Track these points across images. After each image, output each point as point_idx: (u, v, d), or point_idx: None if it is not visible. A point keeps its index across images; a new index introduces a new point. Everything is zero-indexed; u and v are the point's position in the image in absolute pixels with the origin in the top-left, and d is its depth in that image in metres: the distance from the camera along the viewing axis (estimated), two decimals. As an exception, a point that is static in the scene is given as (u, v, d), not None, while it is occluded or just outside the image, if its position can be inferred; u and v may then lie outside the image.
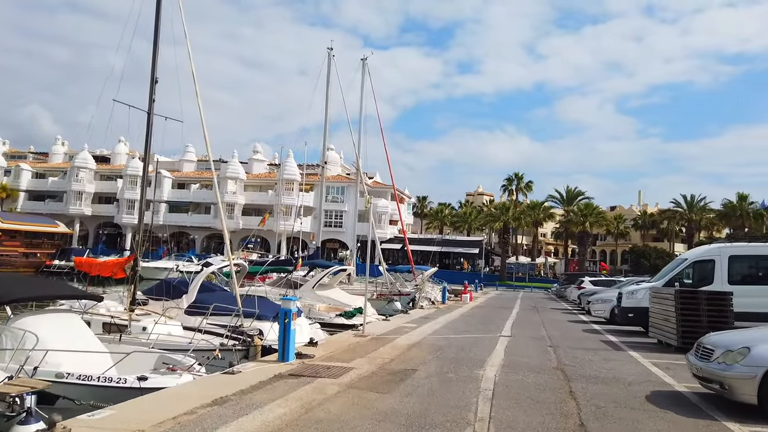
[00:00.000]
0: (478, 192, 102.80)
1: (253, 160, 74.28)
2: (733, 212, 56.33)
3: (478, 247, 67.25)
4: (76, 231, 71.53)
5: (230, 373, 7.99)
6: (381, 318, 20.08)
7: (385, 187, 67.48)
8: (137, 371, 8.86)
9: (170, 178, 72.03)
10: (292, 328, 8.96)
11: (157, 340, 11.14)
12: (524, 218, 62.53)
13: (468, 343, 12.48)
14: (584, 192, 62.08)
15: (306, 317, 18.14)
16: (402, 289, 28.75)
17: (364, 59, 32.75)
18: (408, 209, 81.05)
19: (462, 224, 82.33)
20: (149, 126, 12.83)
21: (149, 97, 12.80)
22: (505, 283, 57.19)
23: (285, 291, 21.96)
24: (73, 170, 71.31)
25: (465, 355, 10.64)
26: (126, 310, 12.44)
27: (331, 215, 67.26)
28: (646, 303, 14.67)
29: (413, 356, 10.38)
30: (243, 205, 68.39)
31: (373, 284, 28.40)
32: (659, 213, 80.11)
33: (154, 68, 12.78)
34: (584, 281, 27.35)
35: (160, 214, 68.85)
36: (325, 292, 22.47)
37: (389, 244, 67.44)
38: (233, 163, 69.25)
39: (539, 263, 72.00)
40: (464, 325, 16.87)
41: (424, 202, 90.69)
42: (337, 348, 11.02)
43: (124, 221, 68.69)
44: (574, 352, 11.63)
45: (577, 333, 15.69)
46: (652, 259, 73.43)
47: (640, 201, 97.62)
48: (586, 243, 58.92)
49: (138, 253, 12.65)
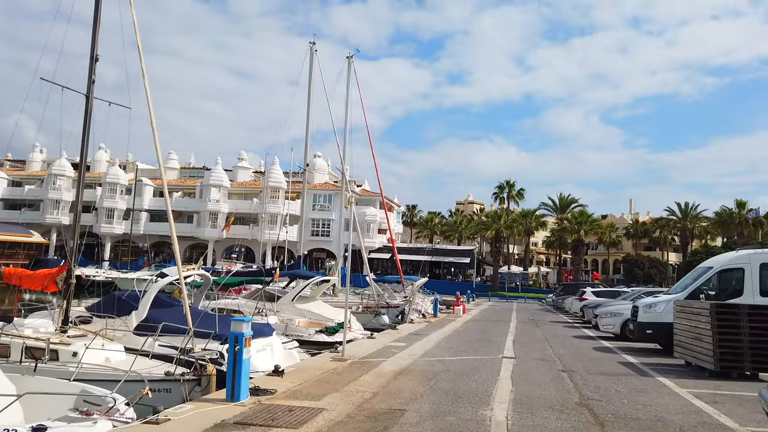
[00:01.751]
0: (468, 201, 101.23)
1: (238, 168, 72.12)
2: (731, 220, 54.91)
3: (470, 256, 65.39)
4: (53, 241, 68.77)
5: (154, 423, 5.97)
6: (365, 335, 18.10)
7: (373, 195, 65.60)
8: (50, 413, 6.86)
9: (152, 186, 69.64)
10: (244, 357, 6.95)
11: (87, 369, 9.10)
12: (516, 226, 60.74)
13: (467, 367, 10.53)
14: (578, 199, 60.66)
15: (283, 334, 16.14)
16: (390, 301, 26.77)
17: (349, 57, 30.88)
18: (397, 218, 79.15)
19: (452, 233, 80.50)
20: (88, 112, 10.81)
21: (88, 78, 10.79)
22: (497, 294, 55.29)
23: (261, 305, 20.00)
24: (50, 178, 68.66)
25: (465, 386, 8.69)
26: (57, 331, 10.37)
27: (318, 224, 65.24)
28: (668, 318, 12.84)
29: (401, 388, 8.41)
30: (227, 213, 66.02)
31: (360, 296, 26.44)
32: (652, 222, 78.83)
33: (95, 43, 10.80)
34: (586, 292, 25.53)
35: (140, 223, 66.57)
36: (306, 305, 20.45)
37: (378, 254, 65.45)
38: (217, 170, 67.03)
39: (532, 273, 70.23)
40: (460, 343, 14.91)
41: (414, 210, 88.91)
42: (308, 378, 9.02)
43: (102, 231, 66.21)
44: (593, 379, 9.72)
45: (588, 352, 13.78)
46: (645, 268, 72.03)
47: (631, 210, 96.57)
48: (580, 252, 57.18)
49: (72, 261, 10.56)
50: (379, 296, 26.17)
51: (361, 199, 68.67)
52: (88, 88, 10.77)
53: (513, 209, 66.38)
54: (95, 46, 10.84)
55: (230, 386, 6.91)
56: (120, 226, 66.14)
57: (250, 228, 62.69)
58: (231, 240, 61.43)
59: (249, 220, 64.51)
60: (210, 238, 64.94)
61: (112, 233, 66.26)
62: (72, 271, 10.47)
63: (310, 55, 26.37)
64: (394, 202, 75.72)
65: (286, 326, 17.35)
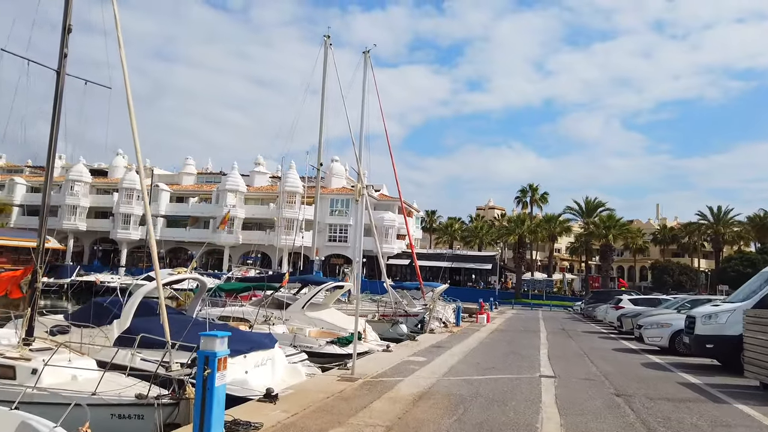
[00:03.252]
0: (489, 206, 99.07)
1: (254, 173, 71.10)
2: (771, 223, 52.01)
3: (491, 262, 63.33)
4: (70, 247, 68.47)
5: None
6: (382, 346, 16.45)
7: (391, 200, 64.03)
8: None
9: (168, 192, 69.01)
10: (217, 383, 5.34)
11: (45, 390, 7.62)
12: (540, 231, 58.56)
13: (500, 390, 8.81)
14: (605, 203, 58.05)
15: (291, 345, 14.59)
16: (409, 309, 25.09)
17: (366, 51, 29.41)
18: (416, 223, 77.40)
19: (473, 239, 78.41)
20: (59, 91, 9.37)
21: (60, 52, 9.37)
22: (521, 301, 53.12)
23: (269, 312, 18.47)
24: (67, 183, 68.40)
25: (501, 417, 6.99)
26: (19, 344, 8.92)
27: (336, 229, 63.86)
28: (733, 330, 10.98)
29: (422, 420, 6.74)
30: (243, 219, 65.00)
31: (377, 303, 24.81)
32: (681, 227, 75.81)
33: (68, 12, 9.39)
34: (623, 300, 23.52)
35: (157, 229, 65.91)
36: (318, 313, 18.85)
37: (397, 260, 63.73)
38: (233, 175, 66.05)
39: (556, 280, 67.81)
40: (487, 357, 13.16)
41: (433, 216, 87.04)
42: (307, 404, 7.39)
43: (119, 236, 65.65)
44: (658, 407, 7.92)
45: (637, 369, 11.93)
46: (675, 275, 69.12)
47: (658, 215, 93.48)
48: (608, 257, 54.61)
49: (38, 264, 9.08)
50: (397, 303, 24.52)
51: (380, 204, 67.11)
52: (60, 63, 9.34)
53: (535, 214, 64.18)
54: (68, 14, 9.43)
55: (198, 422, 5.30)
56: (136, 231, 65.45)
57: (267, 233, 61.48)
58: (247, 246, 60.28)
59: (266, 225, 63.37)
60: (226, 244, 63.91)
61: (129, 239, 65.58)
62: (38, 274, 9.00)
63: (325, 50, 24.98)
64: (413, 207, 74.03)
65: (295, 336, 15.77)
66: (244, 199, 66.48)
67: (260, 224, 64.60)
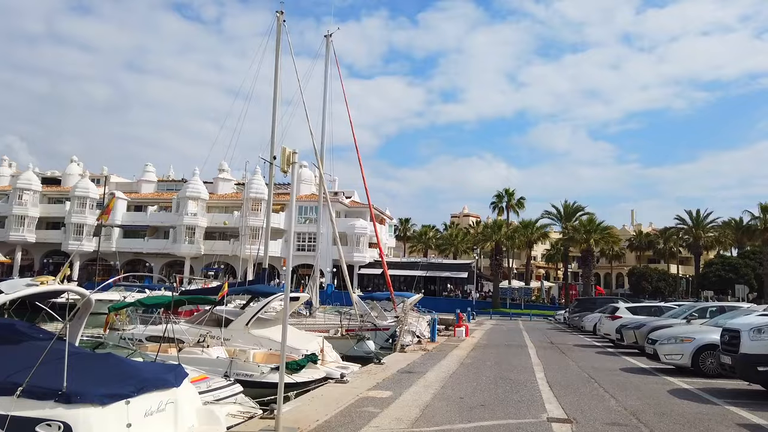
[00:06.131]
0: (463, 213, 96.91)
1: (219, 180, 67.36)
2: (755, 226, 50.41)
3: (467, 270, 60.68)
4: (18, 260, 63.65)
5: None
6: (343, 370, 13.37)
7: (362, 207, 61.00)
8: None
9: (125, 200, 64.78)
10: None
11: None
12: (518, 237, 56.14)
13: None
14: (584, 207, 55.99)
15: (224, 375, 11.47)
16: (379, 322, 22.06)
17: (328, 35, 26.63)
18: (390, 231, 74.48)
19: (448, 247, 75.86)
20: None
21: None
22: (499, 311, 50.45)
23: (205, 331, 15.24)
24: (15, 192, 63.61)
25: None
26: None
27: (304, 238, 60.53)
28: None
29: None
30: (205, 228, 61.23)
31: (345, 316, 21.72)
32: (659, 232, 74.45)
33: None
34: (619, 309, 20.86)
35: (112, 240, 61.64)
36: (265, 330, 15.66)
37: (369, 269, 60.66)
38: (194, 181, 62.19)
39: (534, 288, 65.51)
40: (472, 387, 10.18)
41: (407, 224, 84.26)
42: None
43: (71, 248, 61.01)
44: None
45: (671, 403, 9.06)
46: (653, 281, 67.48)
47: (633, 221, 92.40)
48: (590, 263, 52.28)
49: None
50: (364, 316, 21.46)
51: (351, 211, 64.05)
52: None
53: (511, 221, 61.87)
54: None
55: None
56: (90, 243, 60.73)
57: (231, 243, 57.78)
58: (210, 256, 56.52)
59: (229, 234, 59.70)
60: (186, 254, 60.09)
61: (81, 251, 61.01)
62: None
63: (278, 28, 21.94)
64: (386, 215, 71.11)
65: (231, 362, 12.54)
66: (207, 206, 62.75)
67: (224, 233, 61.00)
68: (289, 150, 6.24)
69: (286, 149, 6.23)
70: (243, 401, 10.51)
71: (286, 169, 6.39)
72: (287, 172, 6.46)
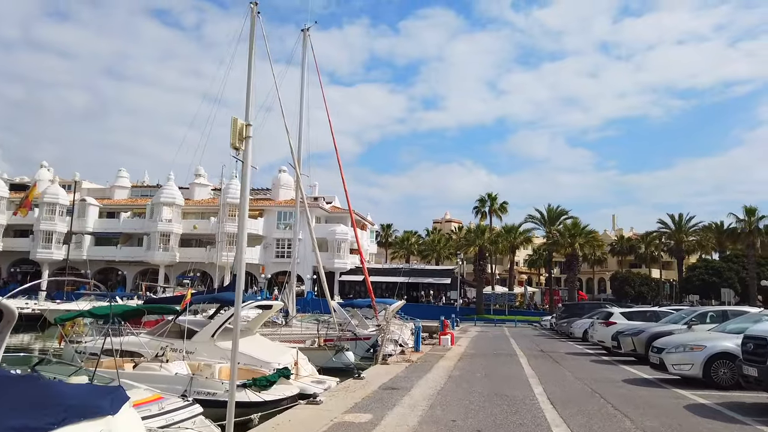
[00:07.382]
0: (446, 219, 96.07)
1: (195, 185, 65.35)
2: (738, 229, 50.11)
3: (450, 276, 59.65)
4: (-23, 271, 60.95)
5: None
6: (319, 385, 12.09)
7: (343, 212, 59.62)
8: None
9: (96, 206, 62.50)
10: None
11: None
12: (501, 242, 55.23)
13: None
14: (568, 211, 55.37)
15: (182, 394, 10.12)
16: (359, 331, 20.77)
17: (305, 29, 25.39)
18: (371, 237, 73.20)
19: (431, 253, 74.87)
20: None
21: None
22: (483, 317, 49.39)
23: (166, 344, 13.83)
24: (-25, 198, 60.95)
25: None
26: None
27: (284, 244, 58.95)
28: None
29: None
30: (180, 234, 59.26)
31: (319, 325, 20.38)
32: (640, 237, 74.27)
33: None
34: (614, 314, 19.82)
35: (83, 248, 59.30)
36: (233, 342, 14.23)
37: (351, 276, 59.19)
38: (169, 186, 60.14)
39: (518, 293, 64.68)
40: (464, 406, 8.94)
41: (389, 230, 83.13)
42: None
43: (39, 257, 58.64)
44: None
45: (692, 422, 7.92)
46: (636, 285, 67.13)
47: (614, 226, 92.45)
48: (575, 267, 51.57)
49: None
50: (343, 325, 20.15)
51: (332, 217, 62.68)
52: None
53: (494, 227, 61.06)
54: None
55: None
56: (59, 251, 58.26)
57: (207, 250, 55.94)
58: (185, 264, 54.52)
59: (206, 241, 57.85)
60: (161, 262, 58.01)
61: (51, 259, 58.57)
62: None
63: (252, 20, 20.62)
64: (367, 220, 69.80)
65: (192, 379, 11.17)
66: (183, 212, 60.80)
67: (200, 240, 59.14)
68: (241, 122, 5.01)
69: (238, 120, 4.99)
70: (201, 425, 9.18)
71: (237, 145, 5.15)
72: (239, 149, 5.23)
